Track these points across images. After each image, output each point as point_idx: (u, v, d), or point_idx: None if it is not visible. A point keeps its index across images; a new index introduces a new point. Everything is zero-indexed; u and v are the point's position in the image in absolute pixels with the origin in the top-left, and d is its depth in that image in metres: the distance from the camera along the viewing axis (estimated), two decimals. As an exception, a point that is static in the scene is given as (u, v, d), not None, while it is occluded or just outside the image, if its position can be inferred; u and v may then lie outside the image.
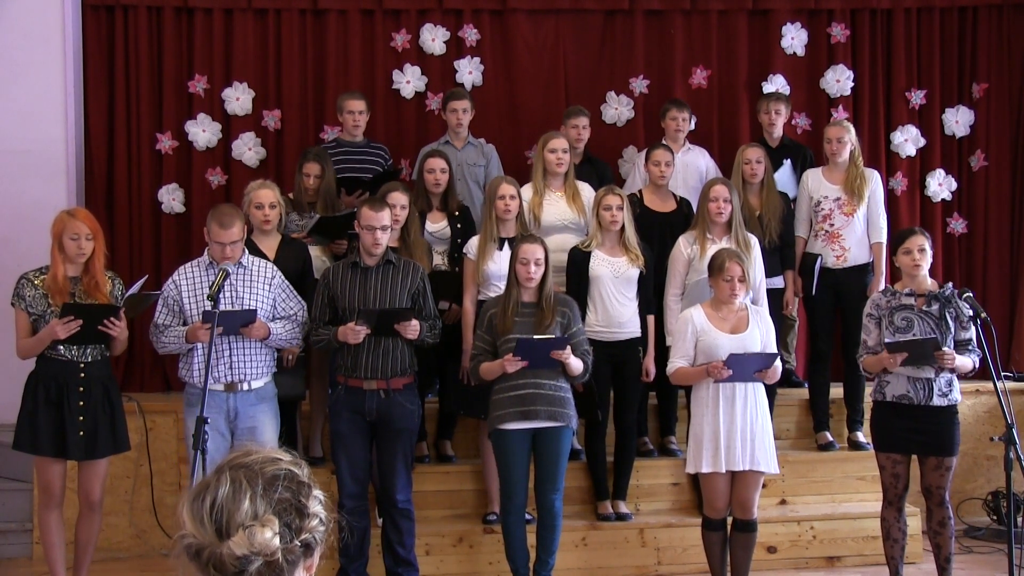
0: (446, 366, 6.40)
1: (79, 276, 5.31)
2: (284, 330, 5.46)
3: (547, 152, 6.48)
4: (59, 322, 5.11)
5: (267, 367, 5.47)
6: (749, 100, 7.71)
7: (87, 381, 5.29)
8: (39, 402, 5.25)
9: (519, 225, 6.12)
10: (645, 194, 6.74)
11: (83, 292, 5.28)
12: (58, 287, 5.24)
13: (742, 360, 5.30)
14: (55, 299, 5.25)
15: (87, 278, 5.29)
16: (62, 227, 5.27)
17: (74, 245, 5.24)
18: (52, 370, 5.28)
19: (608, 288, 6.08)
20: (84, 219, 5.30)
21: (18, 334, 5.32)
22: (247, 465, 1.82)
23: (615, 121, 7.75)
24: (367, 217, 5.50)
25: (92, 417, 5.28)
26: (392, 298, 5.51)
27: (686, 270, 6.24)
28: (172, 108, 7.50)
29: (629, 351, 6.13)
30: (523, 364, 5.31)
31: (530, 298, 5.51)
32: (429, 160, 6.49)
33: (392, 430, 5.50)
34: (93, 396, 5.30)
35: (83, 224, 5.26)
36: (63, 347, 5.24)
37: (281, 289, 5.51)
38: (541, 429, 5.43)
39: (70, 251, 5.25)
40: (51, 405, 5.25)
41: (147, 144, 7.48)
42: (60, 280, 5.24)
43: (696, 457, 5.45)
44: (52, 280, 5.26)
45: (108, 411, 5.35)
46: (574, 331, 5.51)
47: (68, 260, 5.27)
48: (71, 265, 5.29)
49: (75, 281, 5.30)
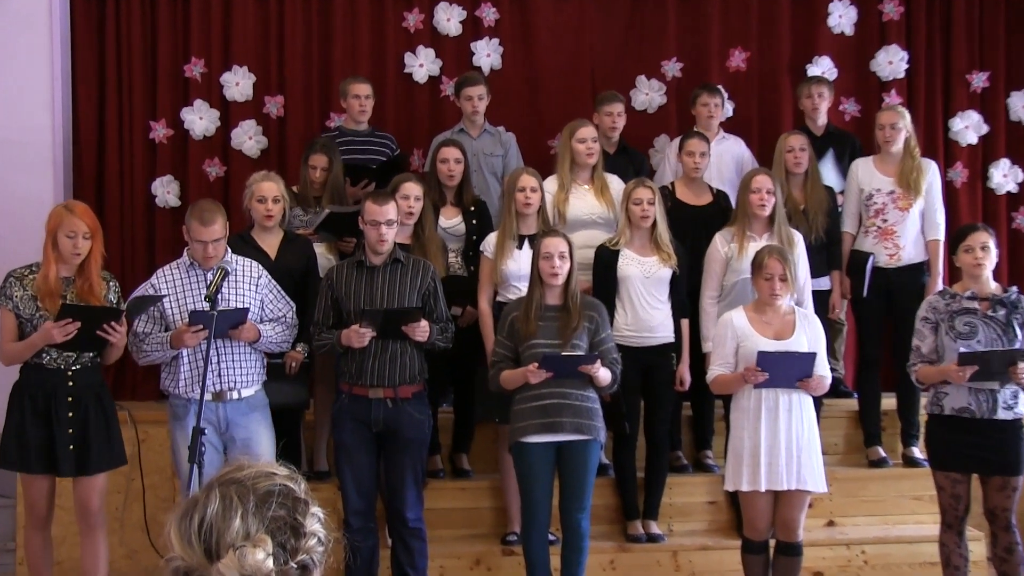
0: (466, 372, 6.40)
1: (72, 277, 5.25)
2: (274, 332, 5.46)
3: (575, 142, 6.47)
4: (55, 324, 5.02)
5: (258, 374, 5.47)
6: (791, 84, 7.66)
7: (76, 390, 5.24)
8: (25, 414, 5.20)
9: (540, 221, 6.12)
10: (678, 187, 6.73)
11: (75, 296, 5.21)
12: (48, 288, 5.18)
13: (776, 361, 5.28)
14: (45, 302, 5.18)
15: (81, 280, 5.23)
16: (58, 222, 5.19)
17: (70, 243, 5.17)
18: (37, 379, 5.23)
19: (638, 289, 6.07)
20: (83, 215, 5.22)
21: (3, 337, 5.25)
22: (239, 481, 1.83)
23: (645, 108, 7.73)
24: (371, 211, 5.49)
25: (83, 429, 5.24)
26: (400, 299, 5.50)
27: (723, 270, 6.25)
28: (167, 94, 7.51)
29: (661, 358, 6.13)
30: (547, 376, 5.31)
31: (555, 300, 5.49)
32: (443, 149, 6.48)
33: (400, 442, 5.49)
34: (84, 407, 5.25)
35: (81, 221, 5.18)
36: (48, 354, 5.20)
37: (268, 289, 5.51)
38: (566, 442, 5.42)
39: (65, 250, 5.17)
40: (38, 417, 5.20)
41: (140, 133, 7.49)
42: (51, 281, 5.18)
43: (735, 473, 5.43)
44: (43, 280, 5.19)
45: (101, 422, 5.30)
46: (602, 337, 5.50)
47: (62, 259, 5.20)
48: (64, 265, 5.22)
49: (67, 283, 5.24)
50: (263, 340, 5.39)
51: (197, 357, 5.32)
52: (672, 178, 6.90)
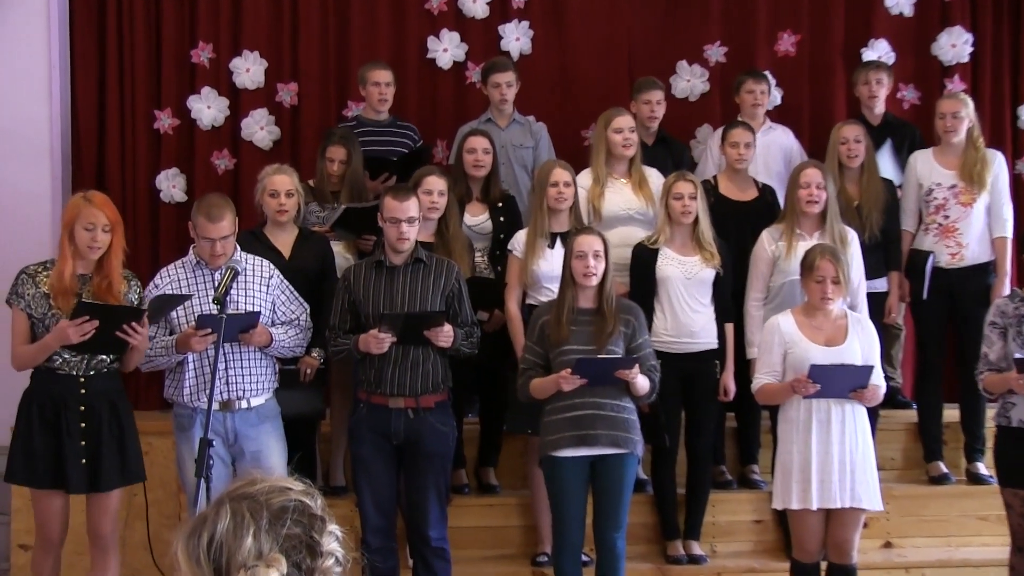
0: (493, 380, 6.42)
1: (89, 274, 5.19)
2: (287, 337, 5.47)
3: (611, 132, 6.47)
4: (71, 323, 4.95)
5: (269, 381, 5.48)
6: (846, 70, 7.64)
7: (89, 399, 5.17)
8: (33, 424, 5.14)
9: (573, 218, 6.11)
10: (721, 181, 6.72)
11: (92, 294, 5.14)
12: (64, 286, 5.11)
13: (828, 373, 5.26)
14: (58, 300, 5.11)
15: (99, 277, 5.16)
16: (75, 214, 5.12)
17: (87, 236, 5.09)
18: (47, 386, 5.17)
19: (678, 291, 6.06)
20: (102, 206, 5.16)
21: (14, 339, 5.18)
22: (251, 496, 1.85)
23: (687, 95, 7.71)
24: (391, 208, 5.49)
25: (95, 442, 5.16)
26: (422, 302, 5.50)
27: (770, 270, 6.26)
28: (172, 81, 7.54)
29: (703, 365, 6.12)
30: (581, 382, 5.29)
31: (588, 303, 5.48)
32: (469, 140, 6.49)
33: (422, 455, 5.49)
34: (97, 416, 5.18)
35: (100, 212, 5.12)
36: (60, 356, 5.13)
37: (280, 290, 5.52)
38: (601, 456, 5.40)
39: (82, 243, 5.10)
40: (47, 427, 5.14)
41: (143, 123, 7.51)
42: (67, 278, 5.11)
43: (784, 490, 5.41)
44: (57, 277, 5.12)
45: (116, 434, 5.21)
46: (639, 343, 5.49)
47: (79, 255, 5.13)
48: (81, 261, 5.15)
49: (84, 280, 5.18)
50: (275, 345, 5.39)
51: (203, 363, 5.33)
52: (715, 171, 6.87)
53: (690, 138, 7.64)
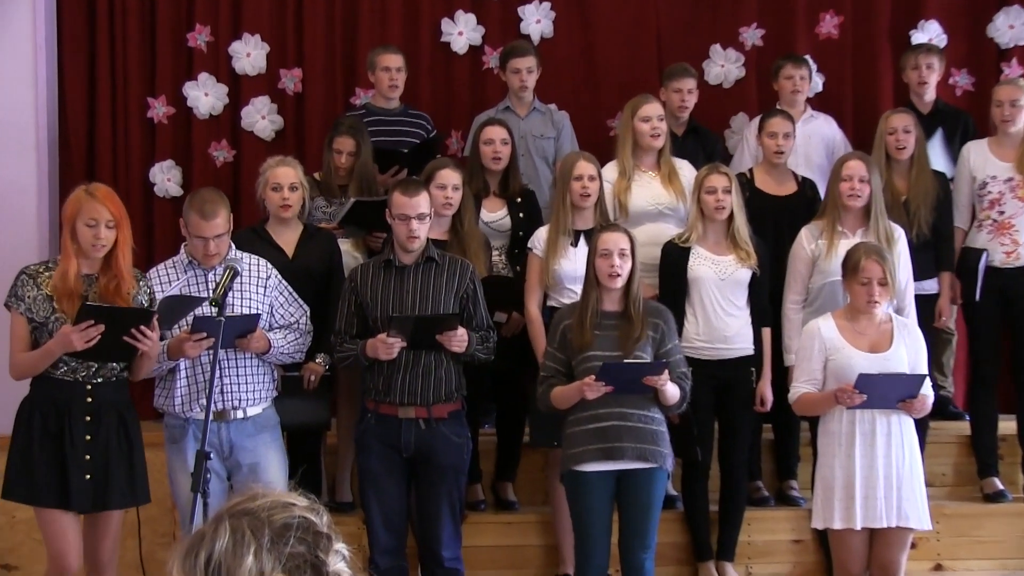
0: (511, 388, 6.42)
1: (95, 275, 5.12)
2: (286, 342, 5.47)
3: (639, 121, 6.47)
4: (74, 328, 4.88)
5: (267, 390, 5.48)
6: (893, 54, 7.63)
7: (96, 408, 5.10)
8: (34, 435, 5.07)
9: (598, 214, 6.11)
10: (757, 174, 6.72)
11: (98, 296, 5.08)
12: (68, 288, 5.02)
13: (877, 383, 5.25)
14: (62, 303, 5.02)
15: (106, 278, 5.09)
16: (76, 209, 5.04)
17: (90, 234, 5.01)
18: (51, 394, 5.10)
19: (712, 293, 6.07)
20: (105, 200, 5.08)
21: (13, 345, 5.11)
22: (252, 512, 1.84)
23: (720, 82, 7.72)
24: (400, 204, 5.48)
25: (102, 456, 5.09)
26: (434, 304, 5.51)
27: (809, 271, 6.25)
28: (167, 67, 7.58)
29: (738, 373, 6.12)
30: (606, 390, 5.29)
31: (614, 305, 5.48)
32: (487, 130, 6.50)
33: (434, 469, 5.49)
34: (104, 428, 5.11)
35: (103, 206, 5.04)
36: (65, 364, 5.06)
37: (279, 291, 5.52)
38: (628, 471, 5.38)
39: (85, 241, 5.02)
40: (49, 439, 5.06)
41: (136, 111, 7.55)
42: (71, 279, 5.02)
43: (825, 508, 5.40)
44: (60, 278, 5.03)
45: (123, 448, 5.15)
46: (669, 348, 5.48)
47: (82, 253, 5.06)
48: (85, 260, 5.08)
49: (89, 281, 5.10)
50: (273, 351, 5.40)
51: (196, 371, 5.33)
52: (751, 164, 6.88)
53: (724, 128, 7.66)
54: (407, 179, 5.87)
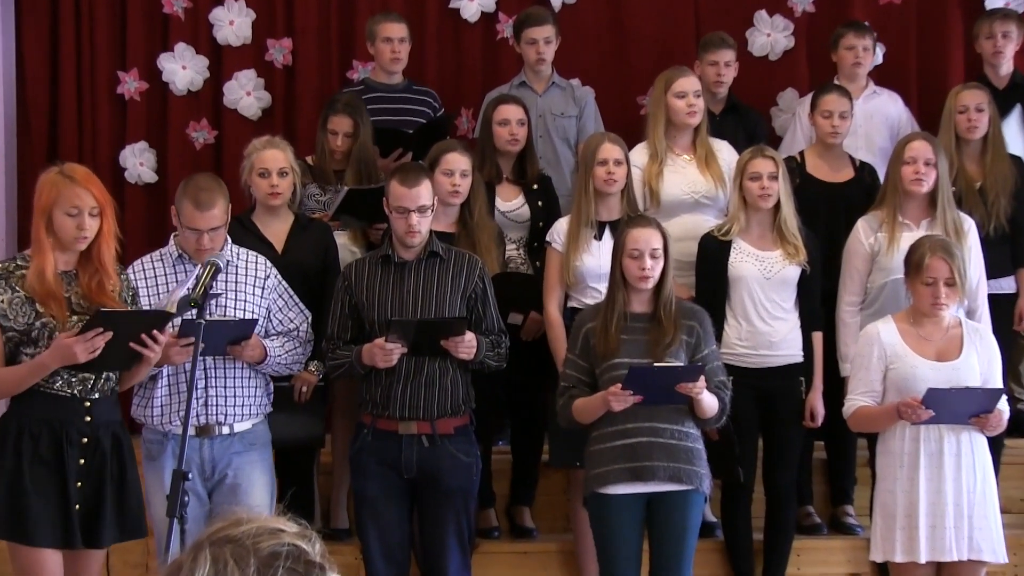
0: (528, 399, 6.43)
1: (74, 271, 4.95)
2: (284, 351, 5.47)
3: (672, 97, 6.46)
4: (78, 338, 4.70)
5: (259, 404, 5.48)
6: (964, 21, 7.61)
7: (93, 429, 4.93)
8: (23, 461, 4.85)
9: (625, 203, 6.10)
10: (809, 157, 6.73)
11: (80, 295, 4.93)
12: (48, 288, 4.84)
13: (948, 398, 5.23)
14: (49, 305, 4.84)
15: (87, 274, 4.92)
16: (54, 196, 4.84)
17: (72, 224, 4.83)
18: (44, 412, 4.89)
19: (756, 293, 6.07)
20: (86, 183, 4.88)
21: None
22: (235, 539, 1.85)
23: (766, 53, 7.72)
24: (398, 194, 5.47)
25: (95, 484, 4.93)
26: (439, 305, 5.51)
27: (868, 267, 6.24)
28: (140, 36, 7.59)
29: (785, 383, 6.12)
30: (635, 400, 5.26)
31: (642, 306, 5.47)
32: (501, 108, 6.49)
33: (439, 492, 5.48)
34: (100, 453, 4.95)
35: (86, 191, 4.85)
36: (59, 376, 4.86)
37: (278, 293, 5.50)
38: (659, 494, 5.39)
39: (66, 233, 4.84)
40: (42, 466, 4.87)
41: (104, 87, 7.55)
42: (49, 277, 4.84)
43: (886, 538, 5.40)
44: (37, 276, 4.83)
45: (117, 476, 5.01)
46: (705, 354, 5.47)
47: (60, 246, 4.88)
48: (63, 254, 4.91)
49: (69, 278, 4.94)
50: (269, 360, 5.39)
51: (179, 379, 5.29)
52: (803, 146, 6.89)
53: (770, 105, 7.66)
54: (406, 165, 5.86)
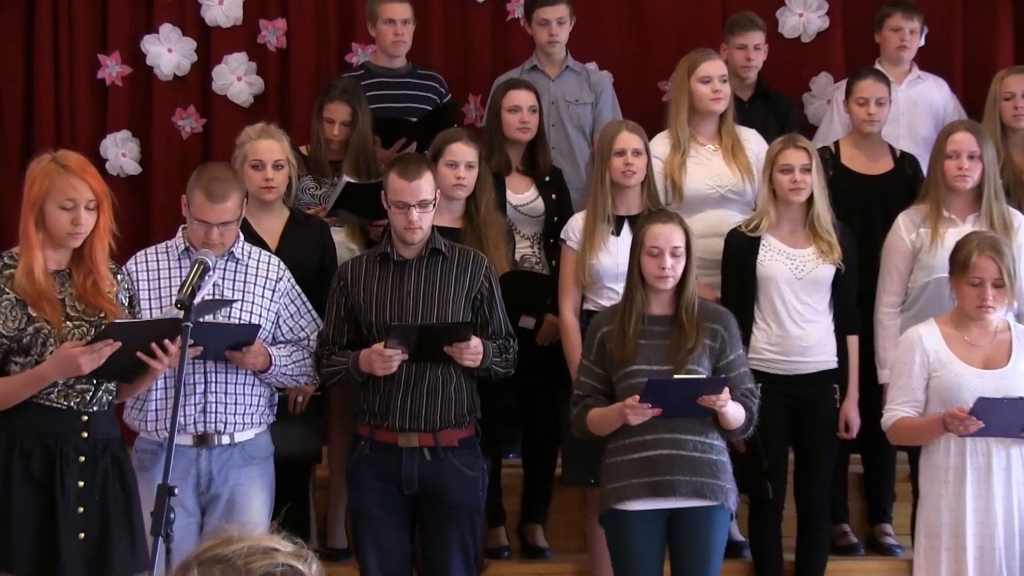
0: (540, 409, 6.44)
1: (66, 270, 4.85)
2: (291, 361, 5.47)
3: (696, 82, 6.48)
4: (85, 349, 4.60)
5: (262, 413, 5.47)
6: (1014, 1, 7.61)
7: (92, 446, 4.83)
8: (12, 481, 4.76)
9: (645, 197, 6.11)
10: (844, 148, 6.75)
11: (75, 297, 4.83)
12: (38, 289, 4.73)
13: (998, 408, 5.23)
14: (43, 308, 4.73)
15: (80, 273, 4.83)
16: (46, 187, 4.73)
17: (66, 219, 4.72)
18: (36, 426, 4.78)
19: (786, 294, 6.08)
20: (82, 172, 4.78)
21: None
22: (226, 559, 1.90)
23: (798, 34, 7.75)
24: (396, 188, 5.45)
25: (98, 509, 4.83)
26: (441, 307, 5.50)
27: (909, 266, 6.26)
28: (122, 16, 7.59)
29: (818, 391, 6.13)
30: (653, 413, 5.25)
31: (663, 308, 5.46)
32: (511, 94, 6.51)
33: (443, 509, 5.48)
34: (101, 474, 4.85)
35: (82, 182, 4.74)
36: (59, 385, 4.75)
37: (290, 299, 5.51)
38: (681, 510, 5.39)
39: (58, 228, 4.73)
40: (32, 487, 4.78)
41: (84, 71, 7.57)
42: (40, 277, 4.73)
43: (929, 560, 5.42)
44: (26, 277, 4.73)
45: (121, 499, 4.92)
46: (731, 359, 5.46)
47: (52, 243, 4.79)
48: (55, 252, 4.81)
49: (62, 278, 4.84)
50: (274, 370, 5.39)
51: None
52: (839, 135, 6.90)
53: (802, 91, 7.68)
54: (406, 157, 5.84)
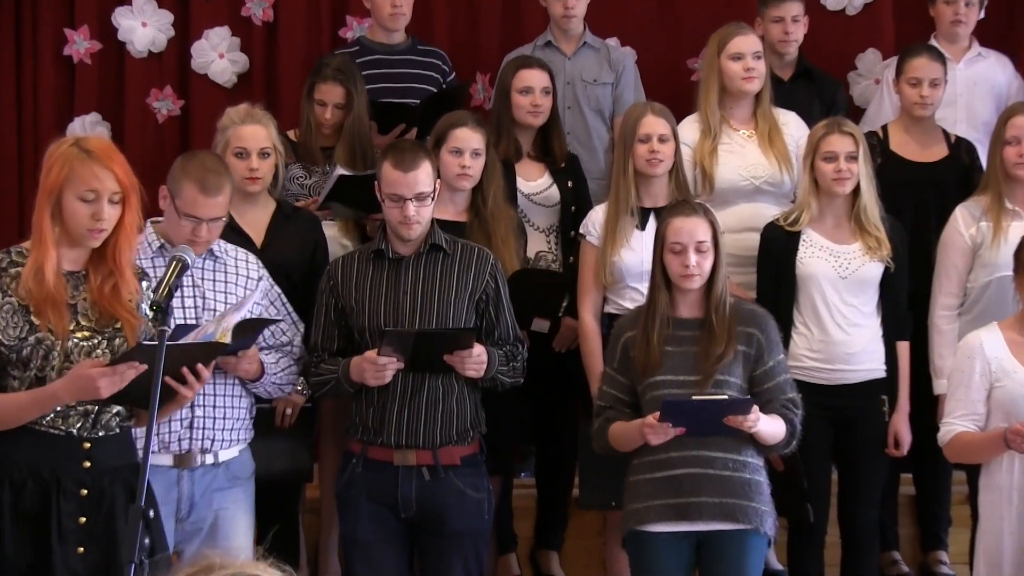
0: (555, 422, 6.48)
1: (83, 271, 4.63)
2: (280, 368, 5.49)
3: (727, 60, 6.51)
4: (106, 370, 4.39)
5: (245, 427, 5.48)
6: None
7: (96, 477, 4.61)
8: (2, 519, 4.58)
9: (673, 187, 6.13)
10: (894, 133, 6.78)
11: (89, 304, 4.59)
12: (46, 292, 4.50)
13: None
14: (48, 315, 4.49)
15: (99, 275, 4.58)
16: (65, 173, 4.49)
17: (87, 212, 4.48)
18: (28, 453, 4.59)
19: (829, 295, 6.09)
20: (107, 160, 4.52)
21: None
22: None
23: (843, 7, 7.80)
24: (391, 180, 5.44)
25: (101, 549, 4.62)
26: (442, 309, 5.49)
27: (968, 264, 6.29)
28: (92, -13, 7.64)
29: (865, 403, 6.13)
30: (675, 432, 5.26)
31: (692, 311, 5.45)
32: (521, 73, 6.53)
33: (445, 535, 5.47)
34: (108, 509, 4.64)
35: (107, 171, 4.50)
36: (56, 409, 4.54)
37: (270, 300, 5.50)
38: (710, 534, 5.38)
39: (78, 223, 4.50)
40: (24, 524, 4.60)
41: (50, 48, 7.59)
42: (50, 279, 4.50)
43: (992, 591, 5.42)
44: (34, 278, 4.50)
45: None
46: (769, 367, 5.45)
47: (69, 240, 4.58)
48: (71, 250, 4.59)
49: (76, 281, 4.62)
50: (266, 378, 5.41)
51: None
52: (889, 118, 6.92)
53: (848, 70, 7.71)
54: (401, 144, 5.79)
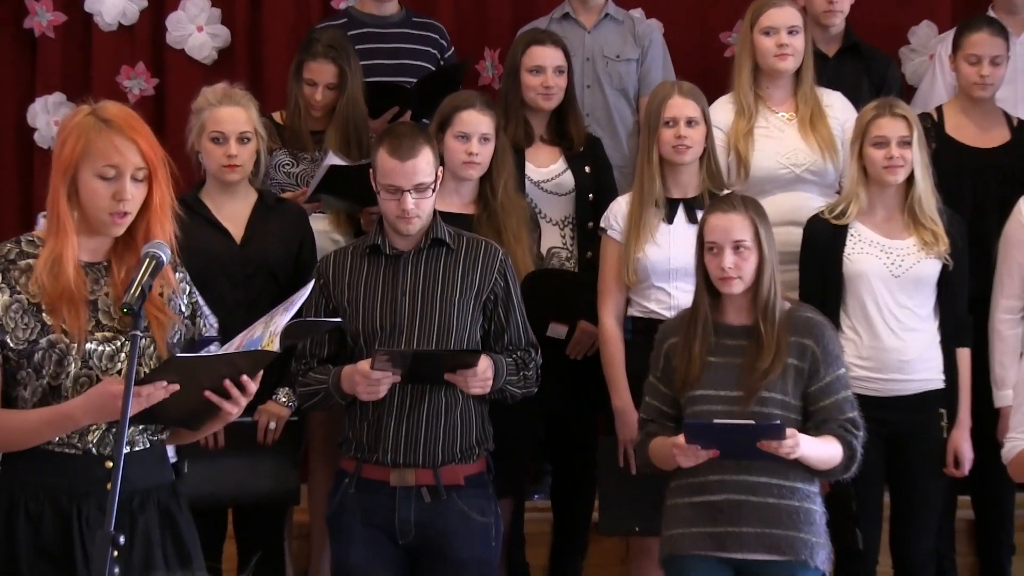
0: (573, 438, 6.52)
1: (105, 262, 4.43)
2: None
3: (760, 34, 6.55)
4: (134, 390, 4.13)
5: None
6: None
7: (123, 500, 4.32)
8: (19, 557, 4.42)
9: (704, 175, 6.12)
10: (950, 115, 6.82)
11: (111, 300, 4.37)
12: (62, 288, 4.30)
13: None
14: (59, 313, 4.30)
15: (123, 269, 4.36)
16: (81, 147, 4.28)
17: (105, 192, 4.27)
18: (43, 479, 4.44)
19: (881, 296, 6.10)
20: (128, 129, 4.30)
21: None
22: None
23: (893, -23, 7.77)
24: (387, 169, 5.40)
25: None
26: (444, 312, 5.47)
27: None
28: (57, -47, 7.66)
29: (920, 417, 6.14)
30: (708, 455, 5.24)
31: (740, 318, 5.44)
32: (533, 50, 6.54)
33: (446, 562, 5.46)
34: (141, 533, 4.50)
35: (129, 144, 4.28)
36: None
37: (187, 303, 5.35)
38: (752, 563, 5.38)
39: (96, 205, 4.29)
40: (42, 560, 4.44)
41: (9, 20, 7.67)
42: (70, 271, 4.30)
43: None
44: (49, 271, 4.31)
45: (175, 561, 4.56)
46: (825, 383, 5.41)
47: (89, 228, 4.37)
48: (90, 238, 4.38)
49: (96, 273, 4.41)
50: None
51: None
52: (944, 99, 6.97)
53: (900, 44, 7.80)
54: (398, 129, 5.73)
